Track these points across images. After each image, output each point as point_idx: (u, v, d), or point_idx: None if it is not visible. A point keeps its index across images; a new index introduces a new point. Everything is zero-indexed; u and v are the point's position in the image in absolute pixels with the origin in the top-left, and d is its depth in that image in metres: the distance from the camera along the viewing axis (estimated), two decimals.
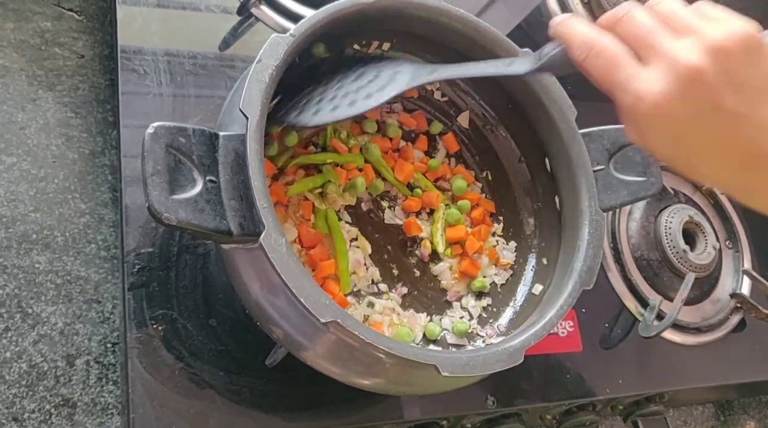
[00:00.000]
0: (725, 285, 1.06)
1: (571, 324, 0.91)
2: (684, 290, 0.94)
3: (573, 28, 0.56)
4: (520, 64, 0.64)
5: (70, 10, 0.93)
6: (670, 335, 0.97)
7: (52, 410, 0.76)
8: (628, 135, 0.57)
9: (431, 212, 0.82)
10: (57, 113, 0.87)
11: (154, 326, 0.72)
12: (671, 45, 0.51)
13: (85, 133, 0.88)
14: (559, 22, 0.58)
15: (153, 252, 0.75)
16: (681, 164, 0.56)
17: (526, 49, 0.76)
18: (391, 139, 0.82)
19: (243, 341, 0.74)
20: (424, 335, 0.76)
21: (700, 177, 0.58)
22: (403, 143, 0.83)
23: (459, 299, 0.79)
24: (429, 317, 0.77)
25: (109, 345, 0.81)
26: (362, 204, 0.80)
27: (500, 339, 0.74)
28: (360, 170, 0.79)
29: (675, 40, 0.52)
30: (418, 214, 0.81)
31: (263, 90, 0.61)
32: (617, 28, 0.55)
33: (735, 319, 1.04)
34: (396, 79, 0.71)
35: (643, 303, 0.97)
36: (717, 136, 0.52)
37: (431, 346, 0.75)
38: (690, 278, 0.96)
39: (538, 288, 0.77)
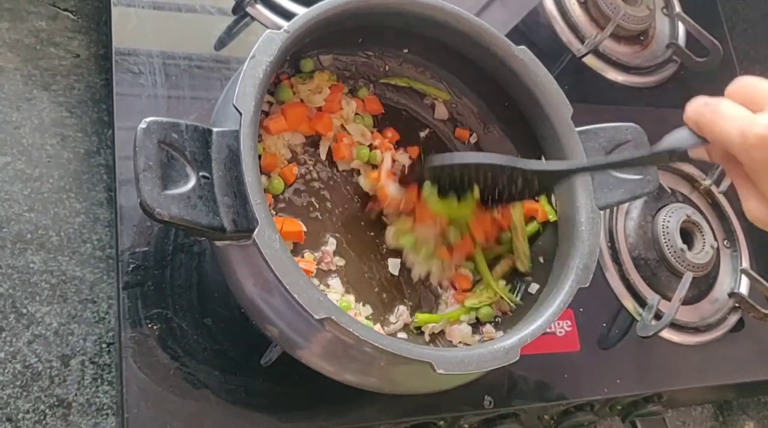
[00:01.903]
0: (723, 284, 1.06)
1: (569, 323, 0.90)
2: (682, 289, 0.94)
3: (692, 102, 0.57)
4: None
5: (65, 9, 0.93)
6: (668, 335, 0.97)
7: (47, 410, 0.76)
8: (743, 201, 0.57)
9: None
10: (52, 113, 0.87)
11: (149, 325, 0.71)
12: None
13: (80, 132, 0.88)
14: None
15: (148, 251, 0.74)
16: None
17: (522, 47, 0.76)
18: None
19: (238, 340, 0.74)
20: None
21: None
22: None
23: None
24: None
25: (104, 345, 0.80)
26: None
27: (498, 335, 0.74)
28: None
29: None
30: None
31: (257, 86, 0.61)
32: (705, 130, 0.56)
33: (733, 319, 1.03)
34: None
35: (641, 302, 0.97)
36: None
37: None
38: (688, 277, 0.95)
39: (534, 287, 0.77)
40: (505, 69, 0.77)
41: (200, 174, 0.58)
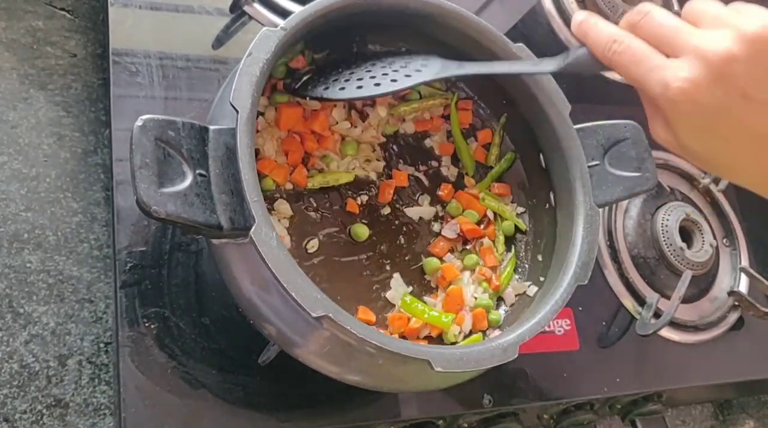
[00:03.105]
0: (722, 283, 1.06)
1: (568, 322, 0.90)
2: (681, 288, 0.94)
3: (596, 27, 0.58)
4: (547, 63, 0.66)
5: (62, 9, 0.93)
6: (667, 333, 0.97)
7: (44, 410, 0.75)
8: (654, 132, 0.58)
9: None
10: (49, 112, 0.87)
11: (147, 324, 0.71)
12: (700, 37, 0.52)
13: (77, 132, 0.87)
14: (581, 20, 0.59)
15: (145, 250, 0.74)
16: (709, 158, 0.56)
17: (520, 44, 0.76)
18: None
19: (236, 339, 0.74)
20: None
21: (728, 173, 0.59)
22: None
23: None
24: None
25: (101, 344, 0.80)
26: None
27: (497, 333, 0.73)
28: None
29: (704, 32, 0.52)
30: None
31: (254, 83, 0.60)
32: (638, 29, 0.56)
33: (733, 317, 1.03)
34: (423, 70, 0.73)
35: (641, 301, 0.97)
36: (746, 126, 0.52)
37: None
38: (687, 276, 0.95)
39: (532, 288, 0.77)
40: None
41: (197, 171, 0.58)
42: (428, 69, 0.73)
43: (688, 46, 0.52)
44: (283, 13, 0.88)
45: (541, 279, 0.76)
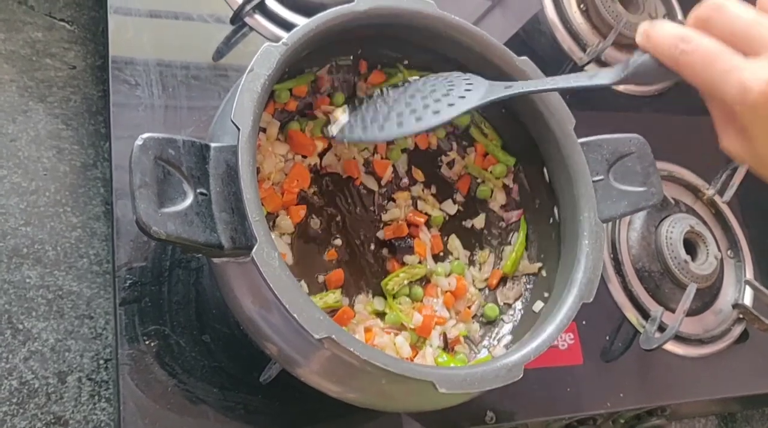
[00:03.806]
0: (727, 295, 1.05)
1: (572, 336, 0.89)
2: (686, 301, 0.93)
3: (661, 29, 0.52)
4: (604, 75, 0.60)
5: (62, 20, 0.92)
6: (672, 347, 0.96)
7: None
8: (726, 143, 0.53)
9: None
10: (48, 125, 0.86)
11: (147, 342, 0.71)
12: None
13: (76, 145, 0.87)
14: (646, 28, 0.53)
15: (145, 266, 0.73)
16: None
17: (524, 58, 0.75)
18: None
19: (237, 357, 0.73)
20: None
21: None
22: None
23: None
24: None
25: (101, 361, 0.79)
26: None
27: (503, 351, 0.73)
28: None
29: None
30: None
31: (255, 100, 0.60)
32: (710, 24, 0.50)
33: (737, 330, 1.03)
34: (468, 95, 0.68)
35: (645, 314, 0.96)
36: None
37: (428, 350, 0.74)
38: (692, 289, 0.94)
39: (538, 304, 0.76)
40: (506, 79, 0.76)
41: (197, 190, 0.57)
42: (473, 94, 0.68)
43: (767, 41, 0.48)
44: (285, 25, 0.88)
45: (546, 294, 0.76)
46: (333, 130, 0.72)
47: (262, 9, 0.88)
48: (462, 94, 0.68)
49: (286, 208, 0.73)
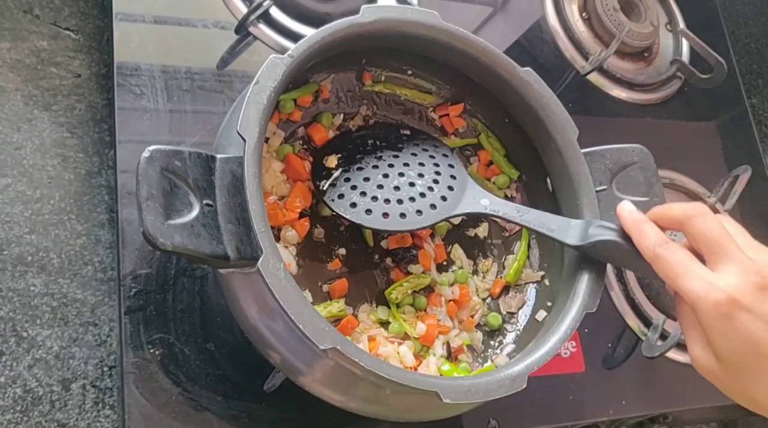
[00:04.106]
0: None
1: (574, 344, 0.90)
2: None
3: (645, 230, 0.62)
4: (572, 234, 0.68)
5: (67, 29, 0.92)
6: (673, 354, 0.96)
7: None
8: (689, 344, 0.60)
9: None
10: (53, 133, 0.86)
11: (151, 350, 0.71)
12: (743, 254, 0.55)
13: (81, 153, 0.87)
14: (635, 219, 0.63)
15: (150, 274, 0.74)
16: (740, 378, 0.57)
17: (527, 68, 0.75)
18: None
19: (241, 365, 0.73)
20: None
21: (758, 399, 0.59)
22: None
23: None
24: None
25: (105, 368, 0.79)
26: None
27: (505, 360, 0.73)
28: None
29: (747, 252, 0.56)
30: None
31: (261, 112, 0.60)
32: (688, 225, 0.60)
33: None
34: (449, 198, 0.73)
35: (646, 322, 0.96)
36: None
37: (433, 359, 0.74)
38: None
39: (541, 313, 0.76)
40: (509, 90, 0.76)
41: (204, 201, 0.58)
42: (451, 200, 0.73)
43: (734, 255, 0.55)
44: (289, 34, 0.88)
45: (548, 303, 0.76)
46: (325, 184, 0.74)
47: (267, 18, 0.88)
48: (444, 194, 0.73)
49: (290, 224, 0.73)
